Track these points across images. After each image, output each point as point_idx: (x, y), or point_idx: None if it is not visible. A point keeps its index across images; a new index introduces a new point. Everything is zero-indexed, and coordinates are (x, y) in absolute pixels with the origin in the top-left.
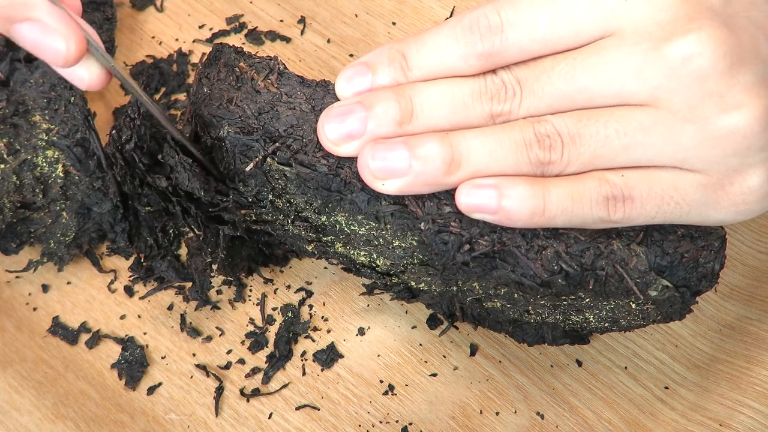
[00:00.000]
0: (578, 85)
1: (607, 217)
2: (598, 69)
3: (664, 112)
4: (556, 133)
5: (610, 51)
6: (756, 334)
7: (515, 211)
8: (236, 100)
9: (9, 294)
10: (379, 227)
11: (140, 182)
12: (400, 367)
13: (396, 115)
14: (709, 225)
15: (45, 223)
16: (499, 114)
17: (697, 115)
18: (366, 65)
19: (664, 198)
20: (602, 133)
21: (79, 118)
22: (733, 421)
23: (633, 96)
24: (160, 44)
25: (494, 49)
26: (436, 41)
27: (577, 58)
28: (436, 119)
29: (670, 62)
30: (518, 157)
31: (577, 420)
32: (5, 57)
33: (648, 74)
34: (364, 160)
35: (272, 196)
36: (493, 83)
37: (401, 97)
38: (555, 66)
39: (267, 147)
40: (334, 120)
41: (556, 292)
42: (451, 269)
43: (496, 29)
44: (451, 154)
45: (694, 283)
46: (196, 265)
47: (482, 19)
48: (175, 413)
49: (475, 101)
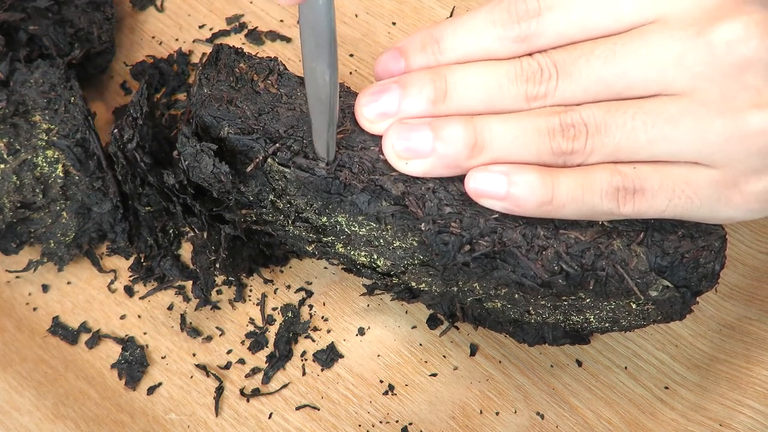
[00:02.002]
0: (617, 69)
1: (616, 209)
2: (639, 53)
3: (697, 104)
4: (582, 123)
5: (652, 36)
6: (756, 334)
7: (523, 198)
8: (236, 101)
9: (9, 294)
10: (380, 228)
11: (141, 182)
12: (400, 367)
13: (430, 94)
14: (718, 222)
15: (45, 223)
16: (534, 96)
17: (730, 108)
18: (399, 51)
19: (675, 191)
20: (629, 125)
21: (79, 118)
22: (733, 421)
23: (672, 83)
24: (160, 44)
25: (530, 31)
26: (473, 23)
27: (617, 42)
28: (470, 100)
29: (714, 48)
30: (540, 146)
31: (577, 420)
32: (5, 57)
33: (690, 61)
34: (389, 140)
35: (273, 196)
36: (530, 66)
37: (436, 77)
38: (594, 49)
39: (267, 148)
40: (370, 98)
41: (556, 293)
42: (451, 270)
43: (534, 12)
44: (474, 138)
45: (694, 283)
46: (200, 263)
47: (520, 3)
48: (175, 413)
49: (511, 83)
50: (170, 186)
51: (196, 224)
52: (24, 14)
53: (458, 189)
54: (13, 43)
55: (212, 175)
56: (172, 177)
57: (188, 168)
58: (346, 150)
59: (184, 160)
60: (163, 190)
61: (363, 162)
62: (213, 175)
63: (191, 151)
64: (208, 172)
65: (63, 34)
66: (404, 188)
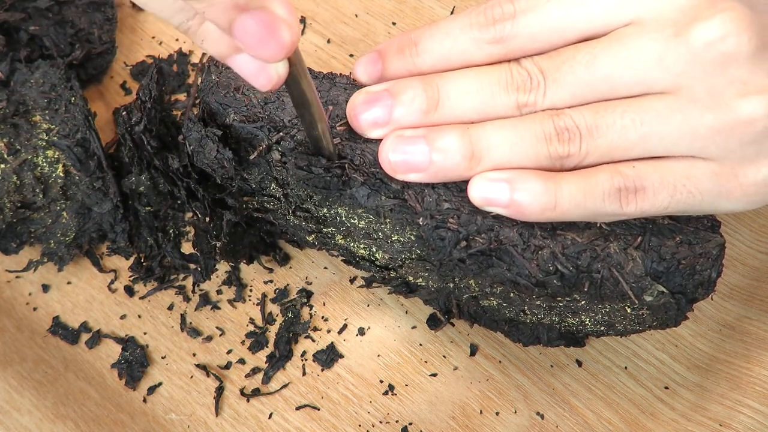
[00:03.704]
0: (600, 73)
1: (620, 209)
2: (619, 57)
3: (684, 99)
4: (574, 126)
5: (631, 38)
6: (756, 334)
7: (527, 205)
8: (243, 89)
9: (9, 294)
10: (379, 221)
11: (147, 165)
12: (400, 367)
13: (422, 104)
14: (720, 213)
15: (45, 223)
16: (525, 105)
17: (718, 102)
18: (378, 53)
19: (676, 187)
20: (619, 123)
21: (80, 118)
22: (733, 421)
23: (655, 83)
24: (161, 44)
25: (505, 33)
26: (450, 26)
27: (596, 47)
28: (462, 109)
29: (693, 48)
30: (538, 151)
31: (577, 420)
32: (5, 57)
33: (670, 61)
34: (384, 154)
35: (275, 185)
36: (519, 74)
37: (428, 86)
38: (576, 55)
39: (271, 136)
40: (361, 107)
41: (551, 293)
42: (447, 265)
43: (509, 15)
44: (471, 150)
45: (690, 290)
46: (201, 247)
47: (496, 7)
48: (175, 413)
49: (502, 91)
50: (174, 170)
51: (199, 208)
52: (24, 14)
53: (457, 186)
54: (14, 43)
55: (216, 160)
56: (176, 161)
57: (193, 152)
58: (348, 142)
59: (189, 145)
60: (168, 173)
61: (365, 154)
62: (216, 160)
63: (196, 136)
64: (212, 158)
65: (63, 35)
66: (404, 183)
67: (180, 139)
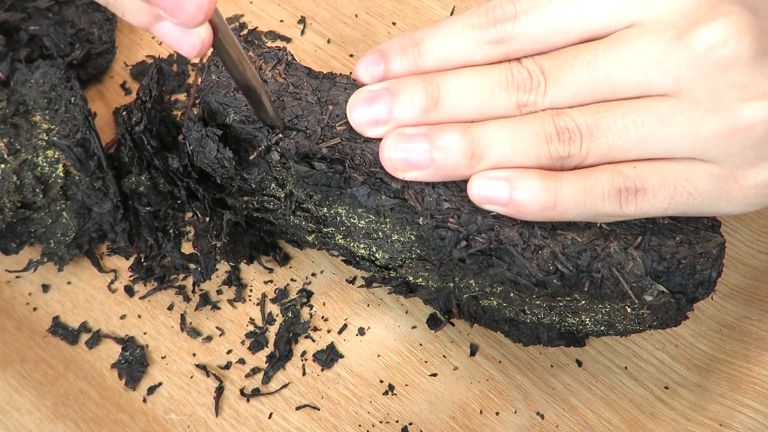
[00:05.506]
0: (600, 74)
1: (619, 210)
2: (620, 58)
3: (686, 102)
4: (575, 126)
5: (632, 40)
6: (756, 334)
7: (526, 203)
8: None
9: (9, 294)
10: (379, 221)
11: (147, 165)
12: (400, 367)
13: (422, 102)
14: (719, 215)
15: (45, 223)
16: (525, 104)
17: (719, 105)
18: (380, 53)
19: (676, 188)
20: (620, 124)
21: (80, 118)
22: (733, 421)
23: (656, 86)
24: (160, 44)
25: (506, 34)
26: (452, 27)
27: (598, 48)
28: (462, 107)
29: (694, 51)
30: (539, 151)
31: (577, 420)
32: (5, 57)
33: (671, 64)
34: (385, 152)
35: (275, 185)
36: (519, 73)
37: (428, 84)
38: (577, 55)
39: (270, 137)
40: (361, 105)
41: (551, 293)
42: (447, 265)
43: (510, 15)
44: (472, 148)
45: (690, 289)
46: (201, 247)
47: (497, 8)
48: (175, 413)
49: (502, 90)
50: (174, 170)
51: (199, 208)
52: (24, 14)
53: (457, 185)
54: (14, 43)
55: (216, 160)
56: (176, 161)
57: (193, 152)
58: (348, 142)
59: (189, 145)
60: (168, 173)
61: (365, 154)
62: (216, 160)
63: (196, 135)
64: (212, 157)
65: (63, 35)
66: (404, 182)
67: (180, 139)
